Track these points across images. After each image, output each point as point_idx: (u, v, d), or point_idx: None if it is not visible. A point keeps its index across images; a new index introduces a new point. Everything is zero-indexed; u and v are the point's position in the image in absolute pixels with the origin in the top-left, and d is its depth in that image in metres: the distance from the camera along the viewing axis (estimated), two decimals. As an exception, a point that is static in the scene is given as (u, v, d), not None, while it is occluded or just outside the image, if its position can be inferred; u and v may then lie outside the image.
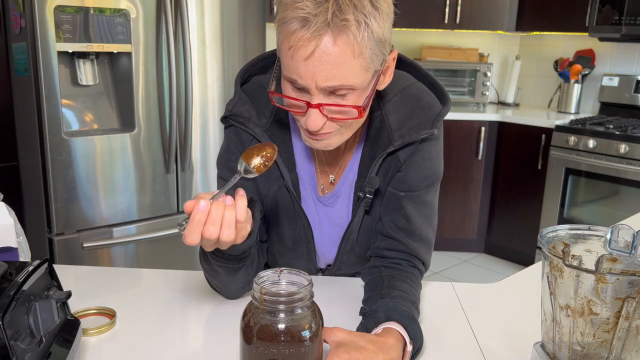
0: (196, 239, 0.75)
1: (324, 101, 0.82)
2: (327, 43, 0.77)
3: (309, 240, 1.06)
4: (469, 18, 3.58)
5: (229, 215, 0.76)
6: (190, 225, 0.75)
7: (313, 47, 0.77)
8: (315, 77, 0.79)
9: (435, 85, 1.02)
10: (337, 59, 0.78)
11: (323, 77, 0.79)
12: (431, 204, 1.02)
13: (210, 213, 0.75)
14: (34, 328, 0.68)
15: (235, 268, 0.93)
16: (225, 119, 1.01)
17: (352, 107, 0.83)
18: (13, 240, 0.88)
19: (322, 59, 0.77)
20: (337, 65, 0.78)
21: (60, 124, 2.07)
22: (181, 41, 2.28)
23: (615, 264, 0.72)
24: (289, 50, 0.79)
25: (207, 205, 0.75)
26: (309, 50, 0.77)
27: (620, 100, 3.39)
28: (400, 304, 0.86)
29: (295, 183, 1.01)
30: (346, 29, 0.76)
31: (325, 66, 0.78)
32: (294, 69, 0.80)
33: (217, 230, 0.76)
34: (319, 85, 0.80)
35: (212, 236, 0.75)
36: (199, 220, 0.75)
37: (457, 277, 3.35)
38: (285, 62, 0.81)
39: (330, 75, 0.79)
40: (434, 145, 0.99)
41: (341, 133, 0.89)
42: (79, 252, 2.19)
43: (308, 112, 0.83)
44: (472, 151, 3.49)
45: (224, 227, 0.76)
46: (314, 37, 0.76)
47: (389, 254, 1.01)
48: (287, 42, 0.79)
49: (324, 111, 0.83)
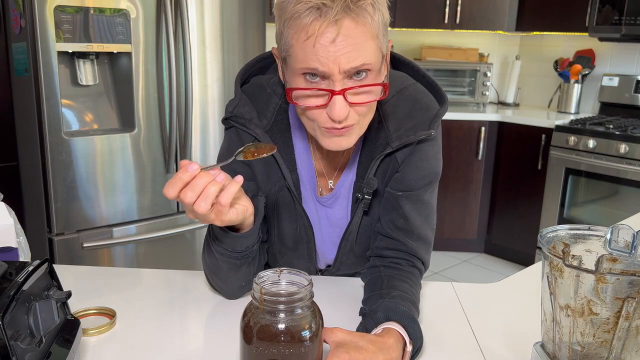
0: (172, 194, 0.77)
1: (346, 86, 0.83)
2: (349, 26, 0.79)
3: (309, 240, 1.06)
4: (469, 18, 3.58)
5: (212, 190, 0.78)
6: (173, 179, 0.78)
7: (336, 32, 0.78)
8: (338, 61, 0.80)
9: (433, 86, 1.02)
10: (358, 40, 0.80)
11: (346, 59, 0.80)
12: (429, 203, 1.02)
13: (195, 178, 0.77)
14: (34, 328, 0.68)
15: (238, 264, 0.93)
16: (227, 121, 1.01)
17: (377, 84, 0.85)
18: (13, 240, 0.88)
19: (345, 41, 0.79)
20: (358, 46, 0.80)
21: (60, 124, 2.07)
22: (181, 41, 2.28)
23: (615, 264, 0.72)
24: (307, 40, 0.79)
25: (196, 170, 0.77)
26: (332, 36, 0.78)
27: (620, 100, 3.39)
28: (400, 304, 0.86)
29: (296, 183, 1.01)
30: (364, 11, 0.79)
31: (348, 48, 0.79)
32: (313, 57, 0.80)
33: (193, 197, 0.77)
34: (343, 68, 0.80)
35: (186, 199, 0.77)
36: (180, 178, 0.77)
37: (457, 277, 3.35)
38: (301, 55, 0.81)
39: (352, 57, 0.80)
40: (431, 145, 0.99)
41: (360, 127, 0.89)
42: (79, 252, 2.19)
43: (332, 102, 0.82)
44: (472, 151, 3.49)
45: (201, 197, 0.77)
46: (335, 22, 0.78)
47: (388, 253, 1.01)
48: (304, 33, 0.80)
49: (347, 97, 0.83)
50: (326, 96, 0.83)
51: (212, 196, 0.78)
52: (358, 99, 0.84)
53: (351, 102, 0.84)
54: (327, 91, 0.82)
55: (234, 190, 0.79)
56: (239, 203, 0.85)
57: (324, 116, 0.85)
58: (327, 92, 0.82)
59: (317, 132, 0.89)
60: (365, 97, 0.85)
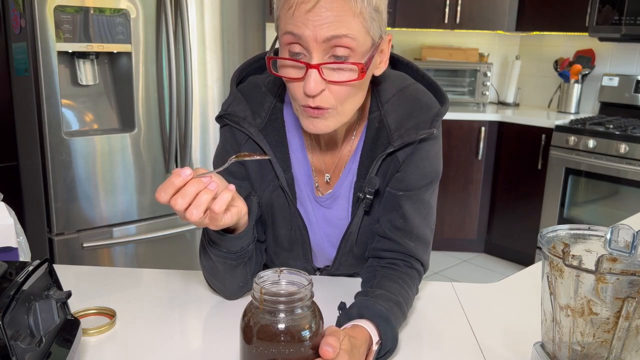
0: (163, 198, 0.77)
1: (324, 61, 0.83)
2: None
3: (304, 241, 1.06)
4: (469, 18, 3.58)
5: (204, 198, 0.77)
6: (165, 184, 0.77)
7: (315, 1, 0.79)
8: (316, 29, 0.80)
9: (433, 85, 1.02)
10: (338, 13, 0.80)
11: (325, 28, 0.80)
12: (429, 203, 1.02)
13: (186, 185, 0.76)
14: (34, 328, 0.68)
15: (234, 265, 0.93)
16: (221, 119, 1.01)
17: (353, 63, 0.84)
18: (13, 240, 0.88)
19: (324, 12, 0.80)
20: (337, 18, 0.80)
21: (60, 124, 2.07)
22: (181, 41, 2.28)
23: (615, 264, 0.71)
24: (289, 10, 0.81)
25: (188, 175, 0.76)
26: (310, 4, 0.80)
27: (620, 100, 3.39)
28: (378, 303, 0.85)
29: (290, 183, 1.01)
30: None
31: (326, 19, 0.80)
32: (291, 22, 0.82)
33: (184, 204, 0.76)
34: (320, 36, 0.81)
35: (177, 206, 0.76)
36: (172, 183, 0.76)
37: (457, 277, 3.35)
38: (284, 23, 0.83)
39: (331, 27, 0.80)
40: (432, 144, 0.99)
41: (338, 113, 0.88)
42: (79, 252, 2.19)
43: (307, 75, 0.83)
44: (472, 151, 3.49)
45: (193, 205, 0.77)
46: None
47: (385, 254, 1.00)
48: (287, 4, 0.82)
49: (323, 74, 0.83)
50: (303, 69, 0.84)
51: (205, 204, 0.77)
52: (335, 77, 0.84)
53: (328, 80, 0.84)
54: (304, 64, 0.83)
55: (227, 198, 0.79)
56: (233, 205, 0.85)
57: (301, 92, 0.85)
58: (304, 65, 0.83)
59: (299, 112, 0.90)
60: (343, 76, 0.84)
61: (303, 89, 0.84)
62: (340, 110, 0.88)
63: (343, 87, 0.85)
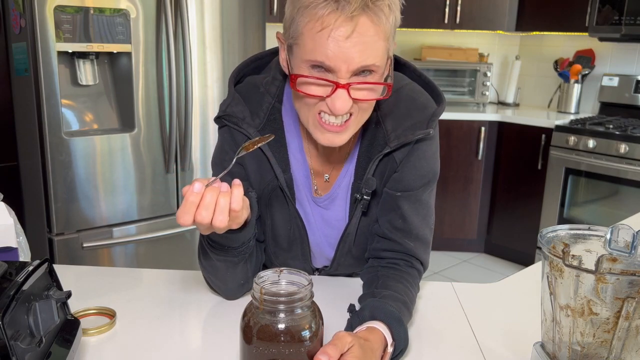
0: (189, 221, 0.76)
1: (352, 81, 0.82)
2: (365, 24, 0.78)
3: (303, 240, 1.06)
4: (469, 18, 3.58)
5: (223, 202, 0.77)
6: (184, 206, 0.76)
7: (352, 28, 0.78)
8: (348, 58, 0.79)
9: (430, 85, 1.02)
10: (371, 39, 0.79)
11: (358, 57, 0.80)
12: (427, 203, 1.02)
13: (203, 197, 0.76)
14: (34, 328, 0.68)
15: (234, 262, 0.93)
16: (219, 119, 1.01)
17: (380, 83, 0.85)
18: (13, 240, 0.88)
19: (358, 39, 0.79)
20: (370, 45, 0.79)
21: (60, 124, 2.07)
22: (181, 41, 2.28)
23: (615, 264, 0.71)
24: (321, 31, 0.79)
25: (201, 188, 0.76)
26: (348, 31, 0.78)
27: (620, 100, 3.39)
28: (388, 304, 0.85)
29: (289, 183, 1.01)
30: (380, 12, 0.79)
31: (360, 47, 0.79)
32: (323, 50, 0.80)
33: (209, 215, 0.76)
34: (352, 67, 0.80)
35: (204, 220, 0.76)
36: (192, 202, 0.76)
37: (457, 277, 3.34)
38: (311, 45, 0.81)
39: (364, 56, 0.80)
40: (429, 144, 0.99)
41: (356, 125, 0.89)
42: (79, 252, 2.19)
43: (335, 94, 0.82)
44: (472, 151, 3.49)
45: (217, 212, 0.77)
46: (352, 18, 0.78)
47: (386, 254, 1.00)
48: (318, 24, 0.79)
49: (351, 92, 0.83)
50: (330, 87, 0.83)
51: (226, 208, 0.77)
52: (361, 95, 0.84)
53: (354, 98, 0.84)
54: (332, 83, 0.82)
55: (240, 194, 0.79)
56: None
57: (324, 108, 0.85)
58: (332, 84, 0.82)
59: (311, 124, 0.89)
60: (368, 94, 0.85)
61: (329, 105, 0.84)
62: (359, 120, 0.89)
63: (367, 102, 0.86)
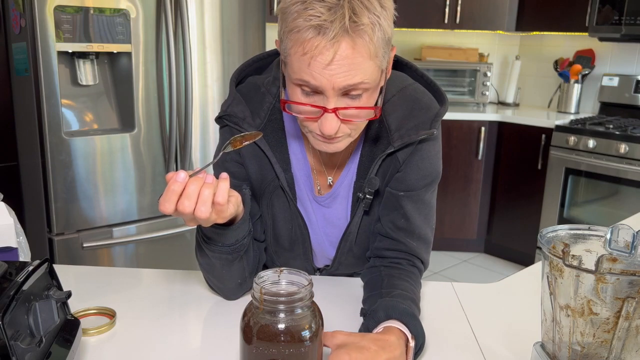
0: (169, 208, 0.76)
1: (339, 104, 0.83)
2: (346, 48, 0.78)
3: (305, 240, 1.06)
4: (469, 18, 3.58)
5: (207, 193, 0.77)
6: (165, 194, 0.76)
7: (332, 54, 0.77)
8: (332, 80, 0.79)
9: (432, 86, 1.02)
10: (355, 61, 0.79)
11: (341, 78, 0.79)
12: (430, 203, 1.02)
13: (186, 187, 0.76)
14: (34, 328, 0.68)
15: (230, 259, 0.93)
16: (220, 119, 1.01)
17: (368, 108, 0.84)
18: (13, 240, 0.88)
19: (341, 62, 0.78)
20: (354, 66, 0.79)
21: (60, 124, 2.07)
22: (181, 41, 2.28)
23: (615, 264, 0.71)
24: (303, 56, 0.79)
25: (185, 177, 0.76)
26: (328, 57, 0.78)
27: (620, 100, 3.39)
28: (400, 302, 0.86)
29: (290, 183, 1.01)
30: (363, 32, 0.77)
31: (344, 69, 0.79)
32: (308, 73, 0.80)
33: (191, 205, 0.76)
34: (337, 87, 0.80)
35: (186, 210, 0.76)
36: (173, 190, 0.76)
37: (457, 277, 3.35)
38: (297, 67, 0.81)
39: (348, 76, 0.79)
40: (432, 145, 0.99)
41: (351, 137, 0.90)
42: (79, 252, 2.19)
43: (323, 117, 0.83)
44: (472, 151, 3.49)
45: (200, 203, 0.77)
46: (333, 44, 0.77)
47: (388, 253, 1.01)
48: (301, 49, 0.79)
49: (339, 115, 0.83)
50: (319, 111, 0.84)
51: (209, 199, 0.77)
52: (350, 116, 0.85)
53: (343, 119, 0.84)
54: (320, 108, 0.83)
55: (226, 187, 0.79)
56: (231, 195, 0.85)
57: (316, 127, 0.86)
58: (320, 109, 0.83)
59: (309, 135, 0.91)
60: (357, 113, 0.85)
61: (319, 127, 0.85)
62: (354, 134, 0.90)
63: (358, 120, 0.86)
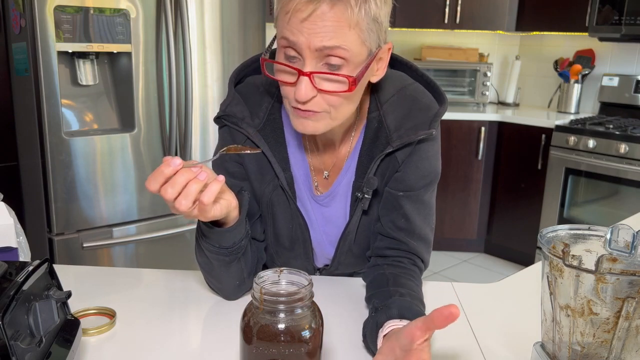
0: (153, 187, 0.77)
1: (316, 70, 0.83)
2: (324, 8, 0.79)
3: (305, 239, 1.06)
4: (469, 18, 3.58)
5: (193, 188, 0.77)
6: (155, 172, 0.77)
7: (310, 10, 0.79)
8: (309, 39, 0.80)
9: (432, 85, 1.02)
10: (332, 24, 0.80)
11: (318, 38, 0.80)
12: (429, 203, 1.02)
13: (176, 175, 0.76)
14: (34, 328, 0.68)
15: (227, 261, 0.93)
16: (219, 119, 1.01)
17: (343, 75, 0.83)
18: (13, 240, 0.88)
19: (318, 22, 0.80)
20: (332, 29, 0.80)
21: (60, 124, 2.07)
22: (181, 41, 2.28)
23: (615, 264, 0.71)
24: (286, 15, 0.81)
25: (178, 165, 0.76)
26: (306, 13, 0.79)
27: (620, 100, 3.39)
28: (414, 304, 0.86)
29: (290, 182, 1.01)
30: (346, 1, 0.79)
31: (321, 29, 0.80)
32: (288, 29, 0.82)
33: (174, 193, 0.76)
34: (313, 45, 0.81)
35: (167, 196, 0.77)
36: (162, 172, 0.76)
37: (457, 277, 3.35)
38: (280, 26, 0.83)
39: (325, 37, 0.80)
40: (431, 145, 0.99)
41: (330, 117, 0.88)
42: (79, 252, 2.19)
43: (298, 81, 0.84)
44: (472, 151, 3.49)
45: (182, 195, 0.77)
46: (312, 2, 0.79)
47: (390, 253, 1.01)
48: (284, 8, 0.82)
49: (314, 82, 0.83)
50: (295, 75, 0.84)
51: (194, 194, 0.77)
52: (326, 86, 0.85)
53: (319, 88, 0.84)
54: (296, 70, 0.83)
55: (216, 189, 0.79)
56: (222, 198, 0.85)
57: (293, 95, 0.86)
58: (296, 71, 0.83)
59: (290, 112, 0.90)
60: (334, 86, 0.85)
61: (295, 93, 0.85)
62: (334, 114, 0.89)
63: (334, 95, 0.86)
